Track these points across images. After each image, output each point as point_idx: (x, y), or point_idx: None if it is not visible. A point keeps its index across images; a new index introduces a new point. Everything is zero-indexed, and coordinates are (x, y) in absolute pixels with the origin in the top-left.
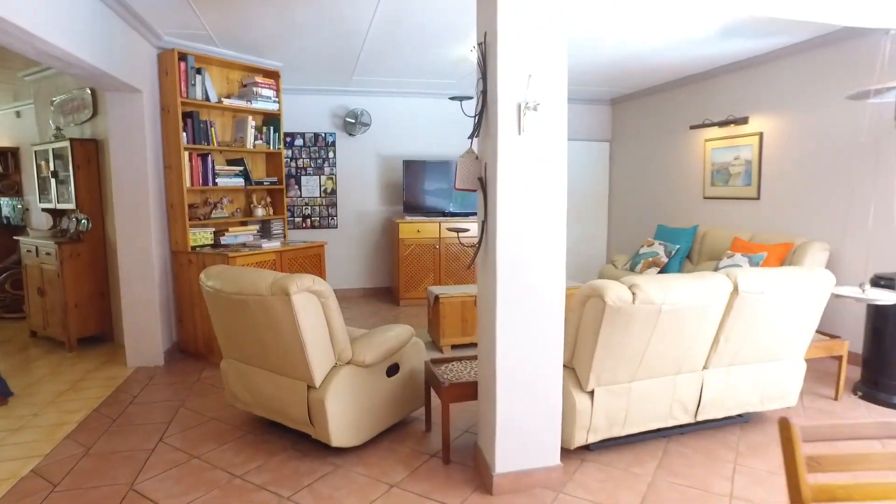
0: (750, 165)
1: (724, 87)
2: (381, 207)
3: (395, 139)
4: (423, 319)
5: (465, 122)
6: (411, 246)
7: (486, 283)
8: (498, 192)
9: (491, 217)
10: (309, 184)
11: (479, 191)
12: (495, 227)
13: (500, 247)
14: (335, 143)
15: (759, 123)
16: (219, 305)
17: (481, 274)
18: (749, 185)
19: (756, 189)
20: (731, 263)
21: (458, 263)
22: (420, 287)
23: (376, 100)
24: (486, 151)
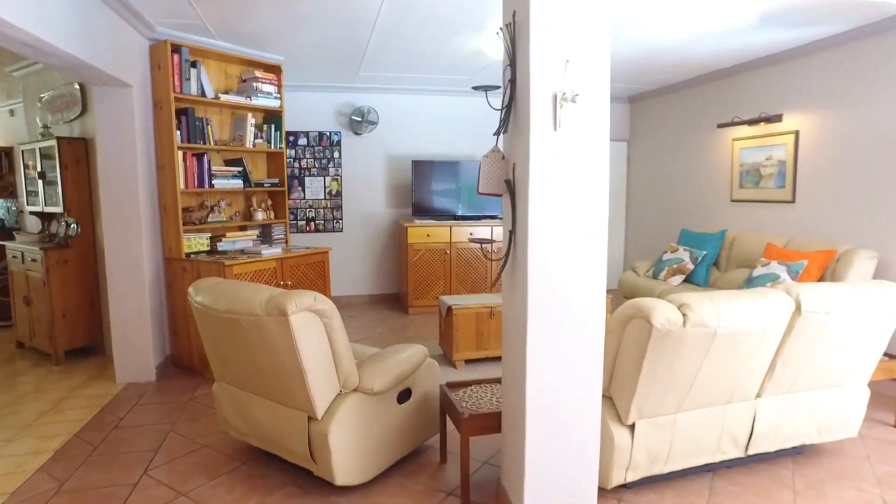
0: (784, 166)
1: (755, 83)
2: (388, 210)
3: (404, 138)
4: (433, 330)
5: (478, 119)
6: (420, 251)
7: (515, 300)
8: (529, 197)
9: (520, 226)
10: (313, 185)
11: (505, 195)
12: (526, 236)
13: (531, 260)
14: (340, 142)
15: (794, 121)
16: (208, 324)
17: (508, 290)
18: (783, 188)
19: (791, 191)
20: (767, 272)
21: (469, 269)
22: (430, 294)
23: (384, 97)
24: (514, 150)
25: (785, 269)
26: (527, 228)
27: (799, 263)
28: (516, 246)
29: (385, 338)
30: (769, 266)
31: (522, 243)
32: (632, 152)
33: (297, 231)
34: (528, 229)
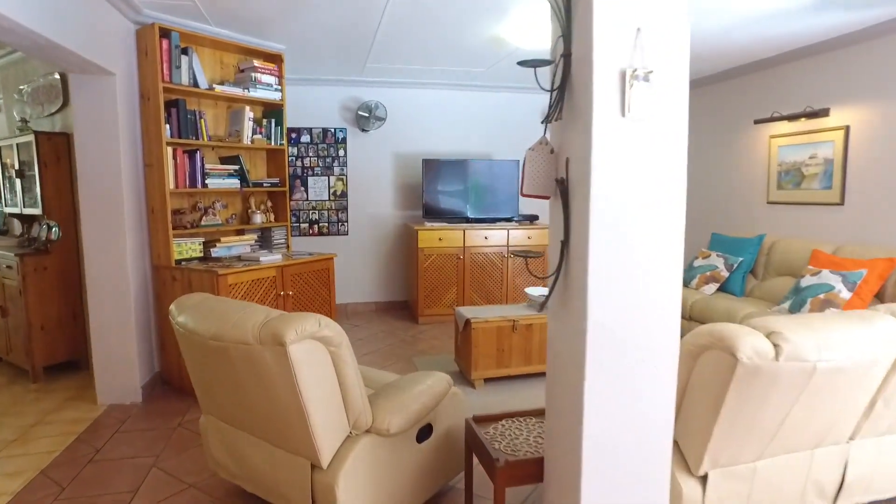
0: (831, 165)
1: (798, 74)
2: (396, 212)
3: (414, 135)
4: (447, 343)
5: (493, 116)
6: (432, 256)
7: (568, 327)
8: (591, 201)
9: (578, 236)
10: (317, 185)
11: (554, 198)
12: (585, 250)
13: (592, 278)
14: (346, 139)
15: (844, 116)
16: (192, 350)
17: (558, 314)
18: (829, 189)
19: (839, 193)
20: (818, 282)
21: (484, 276)
22: (441, 303)
23: (393, 91)
24: (569, 142)
25: (840, 278)
26: (586, 239)
27: (857, 273)
28: (570, 260)
29: (394, 352)
30: (820, 275)
31: (579, 258)
32: None
33: (299, 234)
34: (587, 241)
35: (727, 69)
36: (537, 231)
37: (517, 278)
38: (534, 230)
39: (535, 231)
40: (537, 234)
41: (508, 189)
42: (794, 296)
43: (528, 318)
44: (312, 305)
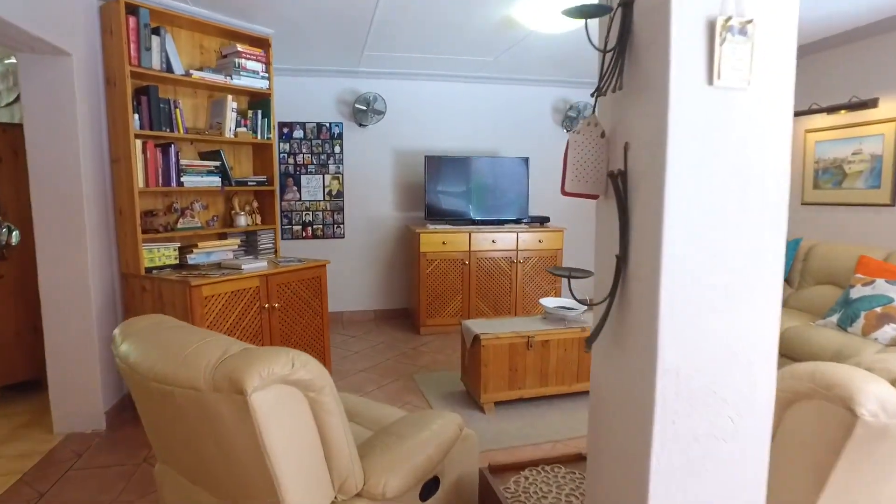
0: (879, 162)
1: (840, 62)
2: (397, 213)
3: (416, 131)
4: (452, 357)
5: (505, 111)
6: (435, 261)
7: (624, 373)
8: (664, 201)
9: (641, 251)
10: (310, 184)
11: (603, 197)
12: (655, 269)
13: (664, 309)
14: (342, 134)
15: (894, 106)
16: (135, 389)
17: (609, 355)
18: (877, 188)
19: (889, 192)
20: (872, 294)
21: (491, 283)
22: (445, 312)
23: (392, 83)
24: (629, 121)
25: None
26: (657, 255)
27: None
28: (628, 283)
29: (394, 367)
30: (874, 285)
31: (644, 280)
32: None
33: (291, 237)
34: (658, 257)
35: None
36: (549, 234)
37: (527, 286)
38: (545, 233)
39: (546, 234)
40: (549, 237)
41: (517, 188)
42: (842, 308)
43: (544, 333)
44: (301, 319)
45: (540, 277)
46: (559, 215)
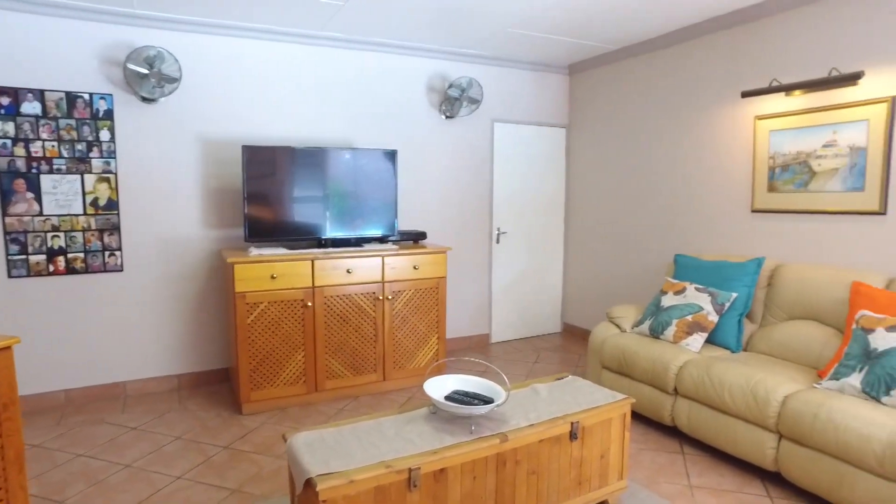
0: (862, 156)
1: (810, 24)
2: (208, 232)
3: (232, 110)
4: (278, 469)
5: (361, 86)
6: (260, 305)
7: None
8: None
9: None
10: (59, 189)
11: None
12: None
13: None
14: (112, 112)
15: (886, 82)
16: None
17: None
18: (860, 191)
19: (878, 196)
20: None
21: (348, 332)
22: (280, 378)
23: (192, 38)
24: None
25: None
26: None
27: None
28: None
29: (192, 496)
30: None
31: None
32: (574, 143)
33: (29, 274)
34: None
35: (703, 21)
36: (428, 257)
37: (400, 332)
38: (422, 256)
39: (424, 257)
40: (428, 261)
41: (382, 194)
42: (863, 363)
43: (436, 456)
44: None
45: (416, 318)
46: (439, 230)
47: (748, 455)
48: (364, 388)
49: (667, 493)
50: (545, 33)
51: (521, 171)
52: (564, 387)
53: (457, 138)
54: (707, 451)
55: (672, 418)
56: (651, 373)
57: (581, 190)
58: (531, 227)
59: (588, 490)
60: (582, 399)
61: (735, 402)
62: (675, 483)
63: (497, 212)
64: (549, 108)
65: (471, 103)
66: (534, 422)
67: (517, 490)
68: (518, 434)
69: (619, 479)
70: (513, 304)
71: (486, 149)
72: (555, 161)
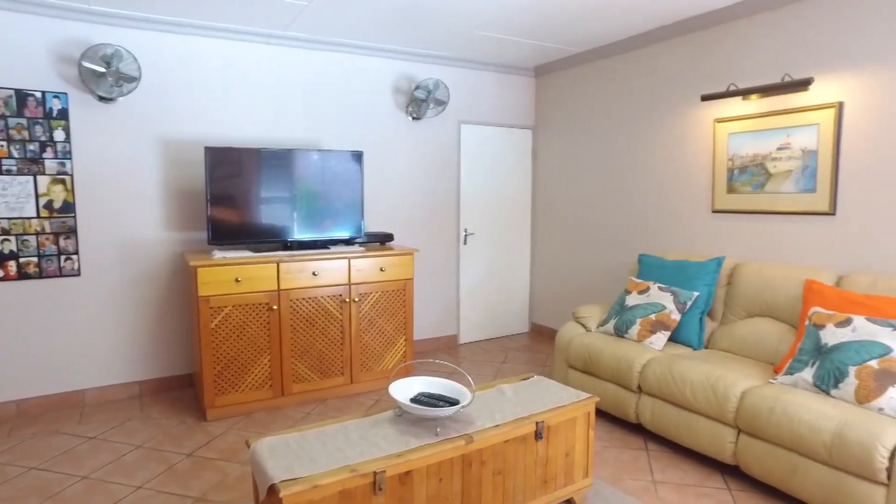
0: (813, 159)
1: (766, 32)
2: (169, 235)
3: (194, 111)
4: (243, 475)
5: (326, 87)
6: (224, 308)
7: None
8: None
9: None
10: (9, 191)
11: None
12: None
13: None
14: (67, 112)
15: (834, 88)
16: None
17: None
18: (811, 191)
19: (828, 197)
20: (857, 338)
21: (315, 335)
22: (245, 383)
23: (152, 36)
24: None
25: (895, 332)
26: None
27: None
28: None
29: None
30: (852, 325)
31: None
32: (540, 145)
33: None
34: None
35: (664, 25)
36: (395, 259)
37: (367, 335)
38: (389, 258)
39: (390, 259)
40: (395, 263)
41: (348, 196)
42: (815, 358)
43: (401, 459)
44: None
45: (384, 320)
46: (406, 231)
47: (709, 450)
48: (331, 391)
49: (631, 489)
50: (510, 35)
51: (488, 173)
52: (530, 387)
53: (423, 140)
54: (670, 446)
55: (636, 416)
56: (616, 371)
57: (547, 191)
58: (498, 228)
59: (554, 489)
60: (547, 399)
61: (696, 398)
62: (639, 479)
63: (464, 213)
64: (515, 110)
65: (437, 105)
66: (499, 422)
67: (483, 490)
68: (483, 435)
69: (585, 476)
70: (481, 305)
71: (452, 150)
72: (521, 162)
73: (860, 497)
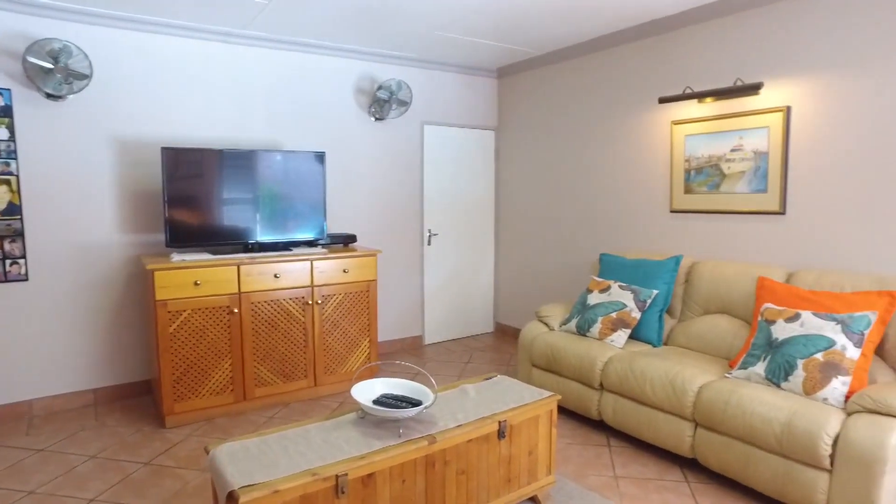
0: (764, 160)
1: (720, 36)
2: (125, 237)
3: (150, 110)
4: (203, 483)
5: (287, 87)
6: (183, 312)
7: None
8: None
9: None
10: None
11: None
12: None
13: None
14: (11, 109)
15: (783, 92)
16: None
17: None
18: (763, 192)
19: (778, 197)
20: (804, 332)
21: (277, 337)
22: (206, 388)
23: (104, 32)
24: None
25: (837, 326)
26: None
27: (860, 317)
28: None
29: None
30: (801, 320)
31: None
32: (503, 145)
33: None
34: None
35: (622, 29)
36: (358, 260)
37: (330, 337)
38: (352, 259)
39: (353, 260)
40: (358, 264)
41: (310, 196)
42: (767, 353)
43: (363, 461)
44: None
45: (347, 322)
46: (370, 232)
47: (668, 444)
48: (295, 394)
49: (594, 484)
50: (472, 36)
51: (452, 173)
52: (493, 386)
53: (386, 140)
54: (632, 442)
55: (599, 412)
56: (578, 369)
57: (510, 191)
58: (462, 229)
59: (517, 487)
60: (510, 398)
61: (656, 394)
62: (602, 475)
63: (428, 213)
64: (478, 111)
65: (400, 105)
66: (462, 422)
67: (447, 491)
68: (446, 435)
69: (548, 474)
70: (445, 305)
71: (416, 151)
72: (484, 163)
73: (807, 483)
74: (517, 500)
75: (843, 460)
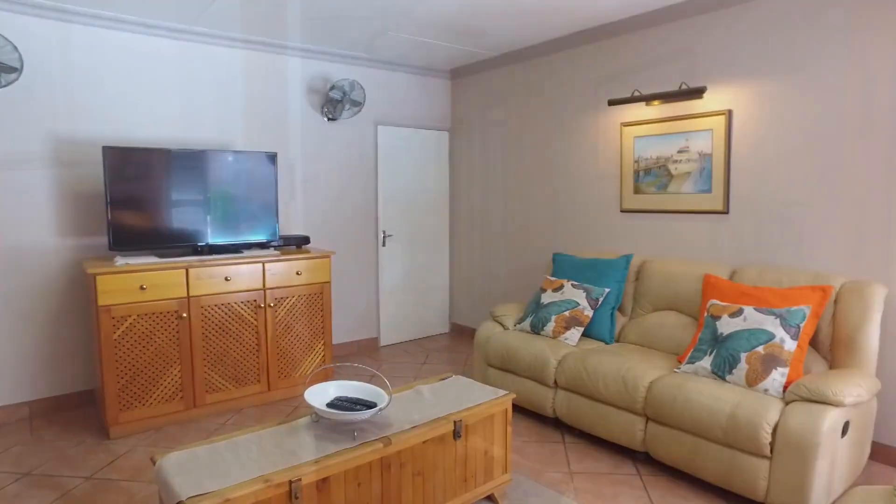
0: (708, 161)
1: (667, 41)
2: (64, 241)
3: (92, 107)
4: (150, 495)
5: (235, 85)
6: (128, 318)
7: None
8: None
9: None
10: None
11: None
12: None
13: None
14: None
15: (724, 96)
16: None
17: None
18: (707, 192)
19: (722, 197)
20: (747, 327)
21: (228, 341)
22: (154, 395)
23: (36, 22)
24: None
25: (777, 320)
26: None
27: (797, 311)
28: None
29: None
30: (743, 315)
31: None
32: (456, 146)
33: None
34: None
35: (574, 32)
36: (311, 262)
37: (283, 340)
38: (305, 261)
39: (307, 262)
40: (311, 266)
41: (262, 198)
42: (712, 347)
43: (317, 466)
44: None
45: (301, 325)
46: (324, 234)
47: (621, 439)
48: (248, 399)
49: (549, 481)
50: (424, 37)
51: (406, 174)
52: (448, 387)
53: (340, 141)
54: (586, 438)
55: (554, 410)
56: (533, 368)
57: (464, 192)
58: (417, 229)
59: (474, 486)
60: (465, 398)
61: (609, 390)
62: (557, 471)
63: (383, 214)
64: (432, 112)
65: (353, 105)
66: (417, 423)
67: (403, 492)
68: (401, 437)
69: (504, 472)
70: (401, 307)
71: (369, 151)
72: (438, 164)
73: (750, 470)
74: (474, 499)
75: (781, 447)
